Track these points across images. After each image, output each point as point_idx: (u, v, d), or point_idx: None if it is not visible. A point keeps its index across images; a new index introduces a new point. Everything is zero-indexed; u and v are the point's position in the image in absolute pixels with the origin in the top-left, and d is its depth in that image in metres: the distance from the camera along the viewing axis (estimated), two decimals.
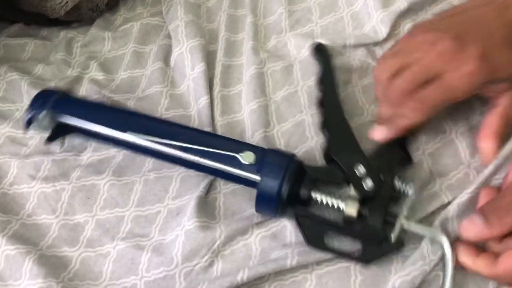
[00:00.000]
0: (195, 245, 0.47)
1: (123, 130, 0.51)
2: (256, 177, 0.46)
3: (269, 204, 0.46)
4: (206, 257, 0.46)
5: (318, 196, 0.46)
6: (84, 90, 0.61)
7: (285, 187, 0.45)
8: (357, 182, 0.45)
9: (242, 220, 0.49)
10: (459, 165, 0.49)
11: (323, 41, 0.58)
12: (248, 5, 0.66)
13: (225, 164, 0.48)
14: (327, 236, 0.46)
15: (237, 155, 0.47)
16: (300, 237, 0.46)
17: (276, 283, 0.45)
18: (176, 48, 0.62)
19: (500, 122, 0.46)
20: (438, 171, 0.49)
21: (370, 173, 0.45)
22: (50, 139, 0.54)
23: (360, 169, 0.46)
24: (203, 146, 0.48)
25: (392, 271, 0.44)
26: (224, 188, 0.52)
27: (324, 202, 0.46)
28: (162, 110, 0.58)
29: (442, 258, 0.42)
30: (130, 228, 0.50)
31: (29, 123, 0.53)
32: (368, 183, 0.45)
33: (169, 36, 0.65)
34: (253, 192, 0.47)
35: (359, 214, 0.44)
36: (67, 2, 0.64)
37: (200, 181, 0.51)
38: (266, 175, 0.46)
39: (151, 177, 0.52)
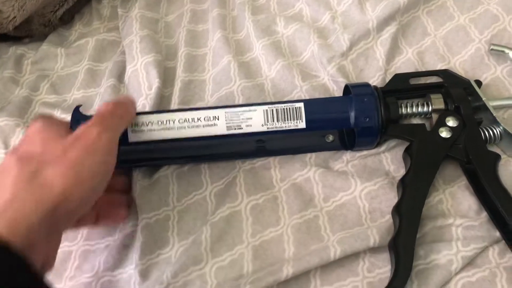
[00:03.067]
0: None
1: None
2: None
3: (372, 132, 0.47)
4: None
5: (408, 110, 0.49)
6: (33, 114, 0.58)
7: (384, 111, 0.47)
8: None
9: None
10: None
11: None
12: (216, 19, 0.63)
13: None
14: None
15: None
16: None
17: None
18: (130, 64, 0.58)
19: None
20: None
21: None
22: None
23: None
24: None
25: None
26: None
27: (414, 111, 0.49)
28: None
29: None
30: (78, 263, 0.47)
31: None
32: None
33: (125, 53, 0.61)
34: None
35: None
36: (15, 17, 0.60)
37: None
38: (360, 107, 0.47)
39: None
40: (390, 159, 0.50)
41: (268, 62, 0.57)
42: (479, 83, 0.50)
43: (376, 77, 0.54)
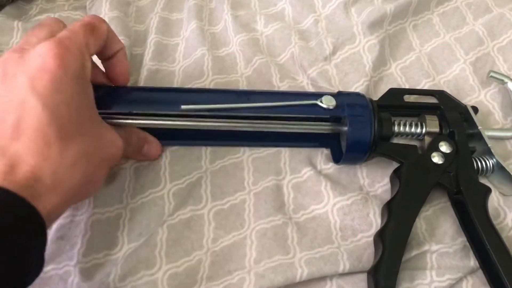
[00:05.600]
0: None
1: (176, 106, 0.42)
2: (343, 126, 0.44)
3: (362, 148, 0.43)
4: None
5: (401, 128, 0.46)
6: None
7: (377, 127, 0.43)
8: None
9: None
10: None
11: None
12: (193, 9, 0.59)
13: (306, 113, 0.44)
14: None
15: (317, 102, 0.43)
16: None
17: None
18: None
19: None
20: None
21: None
22: None
23: None
24: (273, 102, 0.43)
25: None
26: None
27: (407, 130, 0.46)
28: None
29: None
30: None
31: None
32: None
33: None
34: None
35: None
36: None
37: None
38: (354, 115, 0.43)
39: None
40: (366, 173, 0.47)
41: (246, 59, 0.54)
42: (475, 109, 0.48)
43: (361, 83, 0.51)
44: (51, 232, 0.42)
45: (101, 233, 0.42)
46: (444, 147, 0.44)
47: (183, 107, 0.41)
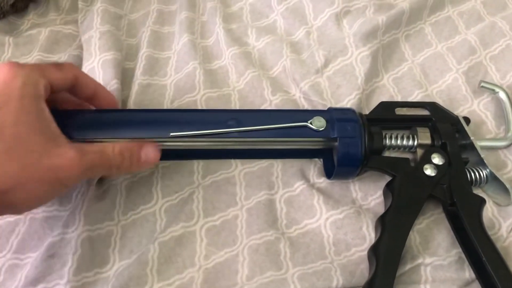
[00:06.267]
0: None
1: (164, 133, 0.41)
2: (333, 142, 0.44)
3: (353, 163, 0.43)
4: None
5: (392, 141, 0.46)
6: None
7: (367, 141, 0.43)
8: None
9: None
10: None
11: None
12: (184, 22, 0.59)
13: (297, 135, 0.43)
14: None
15: (307, 124, 0.43)
16: None
17: None
18: (88, 61, 0.53)
19: None
20: None
21: None
22: None
23: None
24: (263, 125, 0.42)
25: None
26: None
27: (399, 143, 0.46)
28: None
29: None
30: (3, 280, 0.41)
31: None
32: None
33: (82, 48, 0.56)
34: None
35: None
36: None
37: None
38: (344, 136, 0.42)
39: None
40: (358, 186, 0.47)
41: (238, 72, 0.54)
42: (467, 120, 0.48)
43: (353, 96, 0.51)
44: (42, 250, 0.41)
45: (91, 251, 0.42)
46: (437, 159, 0.44)
47: (171, 134, 0.41)
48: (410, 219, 0.42)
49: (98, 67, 0.52)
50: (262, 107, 0.51)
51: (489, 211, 0.45)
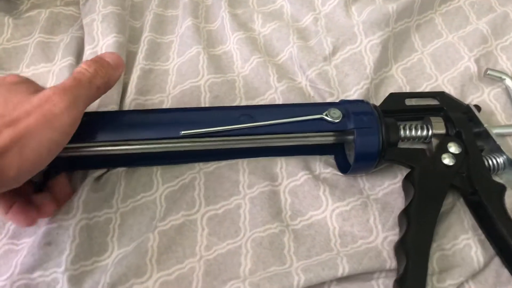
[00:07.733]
0: None
1: (175, 132, 0.40)
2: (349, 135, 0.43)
3: (372, 156, 0.42)
4: None
5: (407, 133, 0.45)
6: None
7: (384, 134, 0.41)
8: None
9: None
10: None
11: None
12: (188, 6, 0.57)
13: (312, 128, 0.42)
14: None
15: (323, 116, 0.41)
16: None
17: None
18: (89, 45, 0.51)
19: None
20: None
21: None
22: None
23: None
24: (276, 119, 0.41)
25: None
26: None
27: (413, 134, 0.45)
28: None
29: None
30: None
31: None
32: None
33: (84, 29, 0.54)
34: None
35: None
36: None
37: None
38: (361, 126, 0.41)
39: None
40: (365, 176, 0.46)
41: (243, 58, 0.52)
42: (478, 108, 0.47)
43: (360, 85, 0.50)
44: (38, 237, 0.40)
45: (90, 238, 0.40)
46: (453, 148, 0.43)
47: (182, 133, 0.39)
48: (435, 210, 0.41)
49: (101, 51, 0.50)
50: (267, 94, 0.50)
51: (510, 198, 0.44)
